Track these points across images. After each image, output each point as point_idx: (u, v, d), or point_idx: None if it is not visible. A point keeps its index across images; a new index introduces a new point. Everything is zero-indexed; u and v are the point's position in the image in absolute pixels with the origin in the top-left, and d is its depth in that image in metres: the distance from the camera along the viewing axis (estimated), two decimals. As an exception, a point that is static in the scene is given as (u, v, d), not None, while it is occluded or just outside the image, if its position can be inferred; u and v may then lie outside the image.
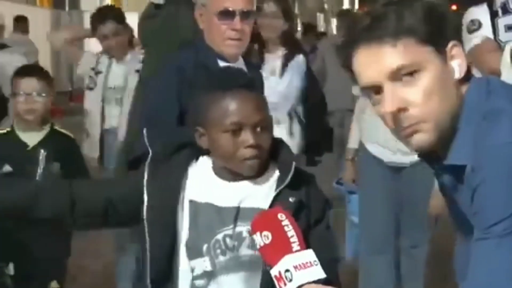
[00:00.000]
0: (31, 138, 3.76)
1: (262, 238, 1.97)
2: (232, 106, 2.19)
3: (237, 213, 2.23)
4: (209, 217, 2.24)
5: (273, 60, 4.66)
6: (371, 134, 4.47)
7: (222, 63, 3.11)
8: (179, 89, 3.03)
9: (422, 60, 1.76)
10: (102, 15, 5.18)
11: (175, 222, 2.24)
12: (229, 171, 2.26)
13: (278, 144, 2.30)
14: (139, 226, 2.25)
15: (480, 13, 4.28)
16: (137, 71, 4.69)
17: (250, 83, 2.26)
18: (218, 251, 2.22)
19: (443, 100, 1.76)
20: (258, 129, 2.21)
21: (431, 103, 1.76)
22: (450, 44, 1.76)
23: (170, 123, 3.03)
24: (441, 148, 1.79)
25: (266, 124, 2.23)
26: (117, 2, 17.25)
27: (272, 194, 2.20)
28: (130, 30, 5.16)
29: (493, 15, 4.25)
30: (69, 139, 3.91)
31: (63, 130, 3.95)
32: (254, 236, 1.99)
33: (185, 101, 3.01)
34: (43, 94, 3.78)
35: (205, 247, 2.23)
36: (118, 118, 4.81)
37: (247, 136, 2.19)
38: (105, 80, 5.06)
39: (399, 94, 1.76)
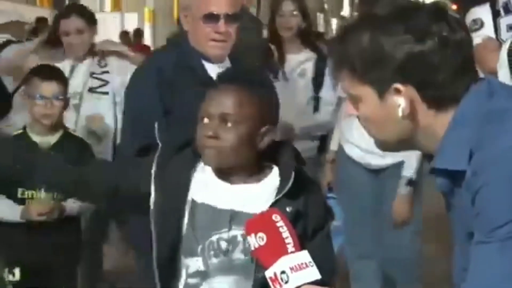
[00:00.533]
0: (44, 141, 3.72)
1: (257, 240, 1.95)
2: (210, 95, 2.24)
3: (232, 216, 2.21)
4: (205, 217, 2.23)
5: (295, 60, 4.62)
6: (348, 136, 4.42)
7: (207, 64, 3.16)
8: (159, 90, 3.07)
9: (358, 94, 1.77)
10: (68, 10, 4.94)
11: (180, 219, 2.24)
12: (229, 173, 2.25)
13: (281, 147, 2.29)
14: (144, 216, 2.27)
15: (482, 12, 4.27)
16: (93, 75, 4.58)
17: (233, 77, 2.29)
18: (212, 252, 2.21)
19: (384, 131, 1.77)
20: (229, 124, 2.20)
21: (372, 128, 1.80)
22: (392, 87, 1.71)
23: (153, 124, 3.06)
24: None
25: (236, 119, 2.20)
26: (117, 3, 17.29)
27: (270, 201, 2.18)
28: (94, 33, 4.81)
29: (495, 15, 4.24)
30: (82, 143, 3.88)
31: (76, 134, 3.96)
32: (249, 238, 1.98)
33: (167, 102, 3.06)
34: (61, 97, 3.75)
35: (199, 247, 2.22)
36: (74, 124, 4.45)
37: (206, 126, 2.21)
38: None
39: (351, 107, 1.87)
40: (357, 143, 4.33)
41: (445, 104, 1.71)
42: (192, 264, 2.24)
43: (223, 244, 2.21)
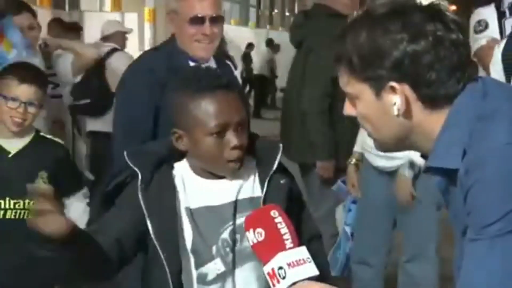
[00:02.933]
0: (12, 144, 3.42)
1: (255, 235, 1.94)
2: (215, 108, 2.17)
3: (235, 207, 2.22)
4: (209, 219, 2.22)
5: None
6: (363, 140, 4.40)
7: (192, 64, 3.20)
8: (151, 91, 3.12)
9: (355, 91, 1.78)
10: (18, 5, 4.78)
11: (182, 233, 2.21)
12: (209, 172, 2.24)
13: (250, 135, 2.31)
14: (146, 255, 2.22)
15: (487, 13, 4.28)
16: None
17: (229, 83, 2.24)
18: (228, 249, 2.22)
19: (380, 129, 1.79)
20: (239, 128, 2.19)
21: (369, 127, 1.81)
22: (388, 85, 1.72)
23: (147, 127, 3.11)
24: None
25: (245, 123, 2.23)
26: (117, 3, 17.30)
27: (258, 182, 2.25)
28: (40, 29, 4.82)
29: (501, 16, 4.24)
30: (56, 145, 3.57)
31: (50, 136, 3.61)
32: (247, 233, 1.97)
33: (158, 103, 3.09)
34: (36, 103, 3.40)
35: (214, 248, 2.21)
36: None
37: (231, 138, 2.17)
38: None
39: (349, 106, 1.83)
40: (368, 146, 4.30)
41: (440, 103, 1.72)
42: (211, 269, 2.22)
43: (234, 236, 2.21)
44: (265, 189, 2.23)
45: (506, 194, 1.59)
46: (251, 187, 2.25)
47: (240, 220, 2.20)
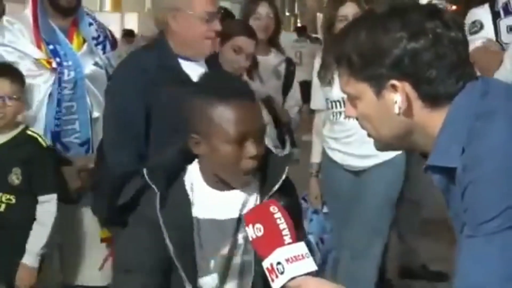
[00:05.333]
0: None
1: (255, 231, 1.96)
2: (236, 116, 2.13)
3: (238, 223, 2.21)
4: (211, 233, 2.22)
5: (266, 61, 4.67)
6: (329, 140, 4.44)
7: (185, 63, 3.17)
8: (144, 90, 3.06)
9: (356, 91, 1.79)
10: None
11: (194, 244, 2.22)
12: (219, 179, 2.22)
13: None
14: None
15: (482, 14, 4.24)
16: None
17: (250, 91, 2.23)
18: (225, 263, 2.22)
19: (381, 129, 1.79)
20: (259, 138, 2.18)
21: (369, 127, 1.82)
22: (388, 83, 1.73)
23: (138, 125, 3.07)
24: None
25: (264, 132, 2.22)
26: (117, 3, 17.27)
27: (259, 199, 2.22)
28: None
29: (495, 16, 4.21)
30: (36, 144, 3.57)
31: (35, 135, 3.59)
32: (247, 229, 1.98)
33: (150, 102, 3.05)
34: (15, 97, 3.49)
35: (212, 263, 2.21)
36: None
37: (251, 147, 2.15)
38: None
39: (349, 107, 1.84)
40: (338, 146, 4.38)
41: (440, 102, 1.73)
42: (207, 282, 2.22)
43: (230, 251, 2.21)
44: None
45: (503, 191, 1.59)
46: (253, 203, 2.22)
47: (240, 236, 2.21)
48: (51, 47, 3.69)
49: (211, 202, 2.22)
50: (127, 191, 2.28)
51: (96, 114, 3.74)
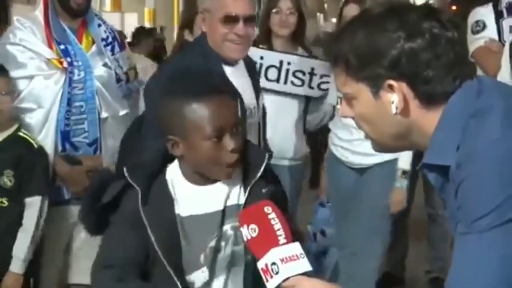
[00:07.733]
0: None
1: (249, 231, 1.95)
2: (210, 112, 2.12)
3: (223, 214, 2.20)
4: (198, 227, 2.20)
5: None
6: (333, 136, 4.48)
7: (225, 67, 3.14)
8: None
9: (353, 92, 1.78)
10: None
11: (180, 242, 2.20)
12: (200, 175, 2.21)
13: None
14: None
15: (485, 14, 4.26)
16: None
17: (222, 85, 2.21)
18: (214, 256, 2.20)
19: (378, 129, 1.79)
20: (235, 130, 2.16)
21: (367, 128, 1.82)
22: (386, 83, 1.72)
23: None
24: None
25: (241, 125, 2.21)
26: (117, 3, 17.32)
27: (242, 189, 2.22)
28: None
29: (498, 16, 4.22)
30: (28, 145, 3.55)
31: (27, 136, 3.59)
32: (242, 229, 1.97)
33: None
34: (5, 92, 3.49)
35: (202, 256, 2.20)
36: None
37: (228, 141, 2.14)
38: None
39: (345, 107, 1.84)
40: (341, 143, 4.39)
41: (437, 101, 1.73)
42: (199, 277, 2.20)
43: (219, 243, 2.20)
44: (245, 198, 2.20)
45: (496, 188, 1.60)
46: (237, 193, 2.22)
47: (226, 226, 2.20)
48: (62, 47, 3.72)
49: (194, 197, 2.21)
50: (110, 190, 2.25)
51: (104, 114, 3.76)
